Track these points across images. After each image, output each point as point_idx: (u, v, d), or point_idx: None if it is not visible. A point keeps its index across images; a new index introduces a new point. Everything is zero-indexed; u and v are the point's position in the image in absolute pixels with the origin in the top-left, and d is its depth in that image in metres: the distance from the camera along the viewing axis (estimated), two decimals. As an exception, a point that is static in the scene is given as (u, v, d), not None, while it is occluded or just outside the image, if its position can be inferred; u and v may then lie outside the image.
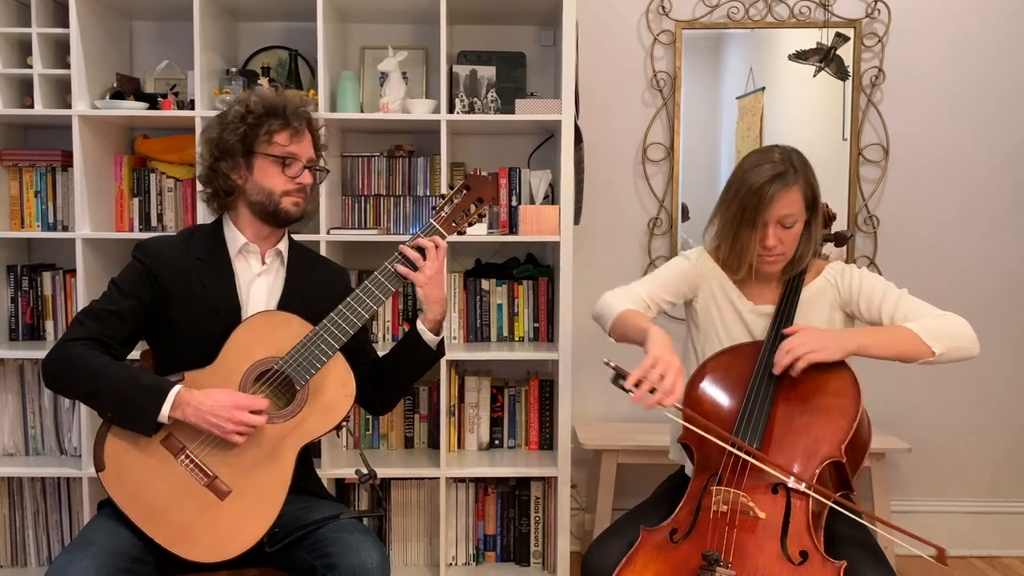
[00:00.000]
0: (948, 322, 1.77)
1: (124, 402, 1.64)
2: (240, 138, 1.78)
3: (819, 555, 1.55)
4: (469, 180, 1.85)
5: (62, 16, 2.55)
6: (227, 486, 1.67)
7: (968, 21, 2.98)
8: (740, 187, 1.81)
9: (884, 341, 1.75)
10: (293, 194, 1.82)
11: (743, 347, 1.88)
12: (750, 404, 1.74)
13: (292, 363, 1.71)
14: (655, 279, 1.99)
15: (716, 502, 1.65)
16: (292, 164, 1.81)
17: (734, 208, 1.82)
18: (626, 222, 3.02)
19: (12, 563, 2.72)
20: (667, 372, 1.62)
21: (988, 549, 3.09)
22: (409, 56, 2.74)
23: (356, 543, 1.66)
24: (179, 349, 1.77)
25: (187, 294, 1.78)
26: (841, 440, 1.66)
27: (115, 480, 1.66)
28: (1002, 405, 3.08)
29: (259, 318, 1.76)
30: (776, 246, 1.81)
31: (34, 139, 2.83)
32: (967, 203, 3.04)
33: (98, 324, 1.72)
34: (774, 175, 1.77)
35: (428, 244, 1.81)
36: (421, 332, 1.87)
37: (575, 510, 3.02)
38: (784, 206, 1.78)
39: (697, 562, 1.57)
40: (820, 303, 1.90)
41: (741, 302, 1.94)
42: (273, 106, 1.79)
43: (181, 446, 1.68)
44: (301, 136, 1.83)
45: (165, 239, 1.85)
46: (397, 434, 2.82)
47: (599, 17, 2.96)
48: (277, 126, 1.79)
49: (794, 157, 1.82)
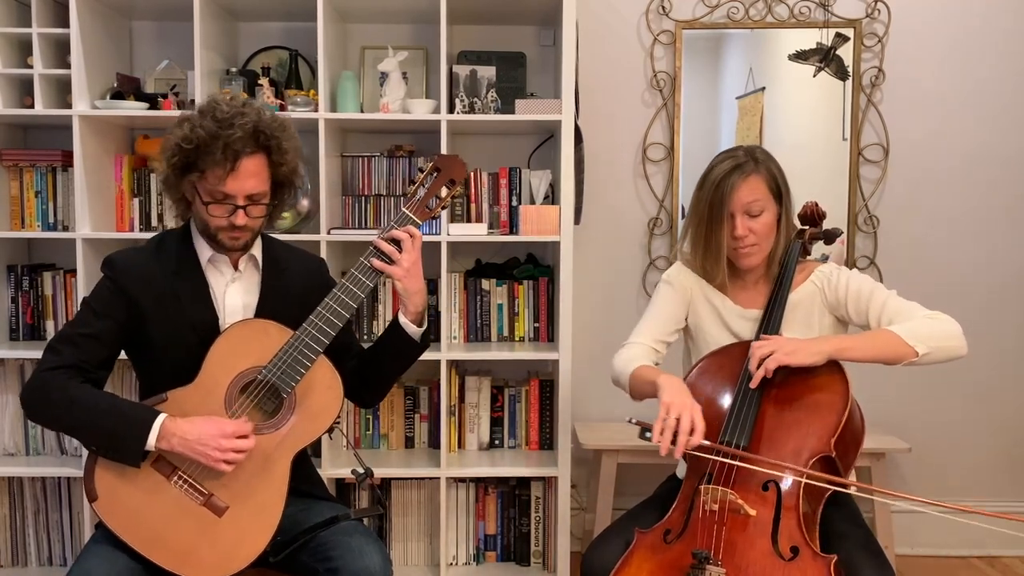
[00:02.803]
0: (934, 322, 1.76)
1: (108, 436, 1.61)
2: (179, 167, 1.68)
3: (810, 550, 1.56)
4: (439, 161, 1.79)
5: (62, 16, 2.55)
6: (224, 502, 1.65)
7: (968, 21, 2.98)
8: (704, 184, 1.86)
9: (863, 344, 1.75)
10: (229, 230, 1.72)
11: (732, 347, 1.88)
12: (738, 403, 1.74)
13: (276, 371, 1.68)
14: (650, 319, 2.00)
15: (706, 501, 1.65)
16: (222, 205, 1.69)
17: (702, 207, 1.85)
18: (626, 222, 3.02)
19: (12, 563, 2.72)
20: (682, 413, 1.65)
21: (988, 549, 3.09)
22: (409, 56, 2.74)
23: (358, 546, 1.66)
24: (159, 365, 1.75)
25: (162, 309, 1.73)
26: (830, 434, 1.66)
27: (110, 509, 1.63)
28: (1002, 405, 3.08)
29: (237, 328, 1.73)
30: (747, 235, 1.82)
31: (34, 139, 2.83)
32: (967, 203, 3.04)
33: (74, 350, 1.67)
34: (733, 166, 1.82)
35: (403, 235, 1.74)
36: (404, 325, 1.82)
37: (575, 510, 3.02)
38: (746, 193, 1.80)
39: (688, 561, 1.58)
40: (808, 307, 1.90)
41: (726, 306, 1.94)
42: (208, 141, 1.64)
43: (172, 468, 1.65)
44: (238, 172, 1.66)
45: (133, 253, 1.79)
46: (397, 434, 2.82)
47: (599, 17, 2.95)
48: (209, 163, 1.65)
49: (756, 151, 1.86)
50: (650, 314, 2.01)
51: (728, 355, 1.87)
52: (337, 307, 1.71)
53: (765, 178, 1.83)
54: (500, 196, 2.74)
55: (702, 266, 1.92)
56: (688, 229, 1.93)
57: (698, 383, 1.85)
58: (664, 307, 2.00)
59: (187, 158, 1.67)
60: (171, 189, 1.75)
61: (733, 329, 1.93)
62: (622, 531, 1.79)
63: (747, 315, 1.92)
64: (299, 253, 1.96)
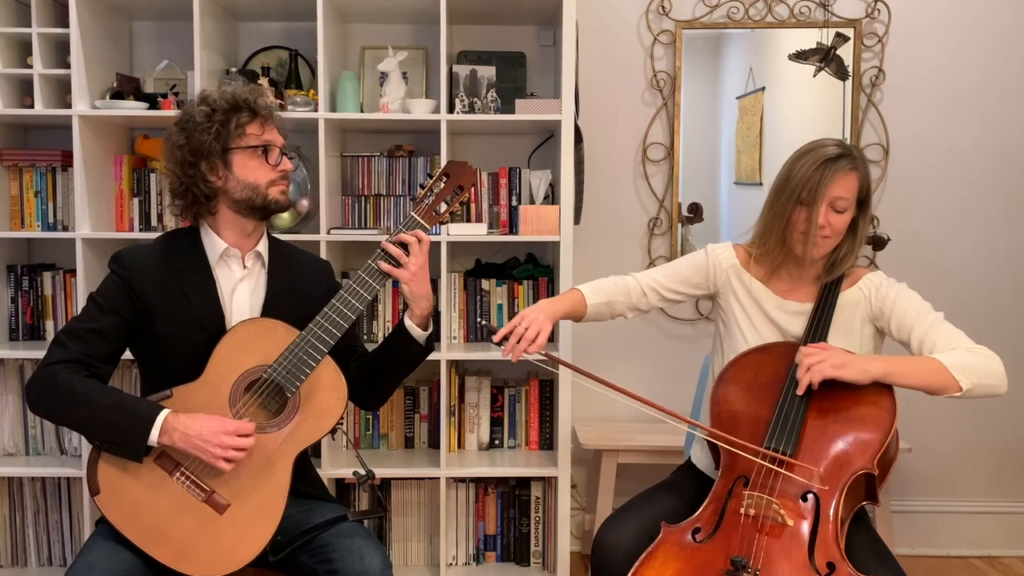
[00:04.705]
0: (979, 356, 1.72)
1: (111, 430, 1.62)
2: (214, 137, 1.72)
3: (847, 567, 1.52)
4: (448, 167, 1.81)
5: (62, 16, 2.55)
6: (225, 499, 1.65)
7: (968, 21, 2.98)
8: (800, 164, 1.78)
9: (912, 371, 1.71)
10: (278, 182, 1.78)
11: (776, 346, 1.85)
12: (785, 408, 1.71)
13: (281, 371, 1.68)
14: (665, 267, 2.00)
15: (746, 506, 1.62)
16: (271, 152, 1.78)
17: (793, 183, 1.78)
18: (626, 222, 3.02)
19: (12, 563, 2.72)
20: (531, 325, 1.74)
21: (988, 549, 3.09)
22: (409, 56, 2.74)
23: (359, 549, 1.66)
24: (165, 362, 1.75)
25: (169, 306, 1.73)
26: (875, 452, 1.64)
27: (111, 503, 1.64)
28: (1002, 405, 3.08)
29: (244, 327, 1.73)
30: (825, 226, 1.78)
31: (34, 139, 2.83)
32: (967, 203, 3.04)
33: (80, 344, 1.67)
34: (840, 154, 1.77)
35: (411, 239, 1.76)
36: (409, 328, 1.83)
37: (575, 510, 3.03)
38: (842, 187, 1.76)
39: (723, 565, 1.55)
40: (852, 314, 1.87)
41: (767, 297, 1.90)
42: (236, 99, 1.75)
43: (175, 464, 1.66)
44: (271, 123, 1.79)
45: (141, 249, 1.79)
46: (397, 434, 2.82)
47: (599, 17, 2.96)
48: (247, 118, 1.75)
49: (854, 148, 1.83)
50: (668, 264, 2.02)
51: (770, 354, 1.83)
52: (343, 308, 1.72)
53: (860, 177, 1.80)
54: (500, 196, 2.74)
55: (761, 246, 1.88)
56: (760, 220, 1.89)
57: (737, 378, 1.81)
58: (684, 266, 1.99)
59: (226, 116, 1.73)
60: (195, 184, 1.74)
61: (771, 317, 1.90)
62: (636, 512, 1.77)
63: (791, 307, 1.89)
64: (305, 254, 1.97)
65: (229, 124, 1.73)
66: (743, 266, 1.94)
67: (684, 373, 2.86)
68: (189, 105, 1.77)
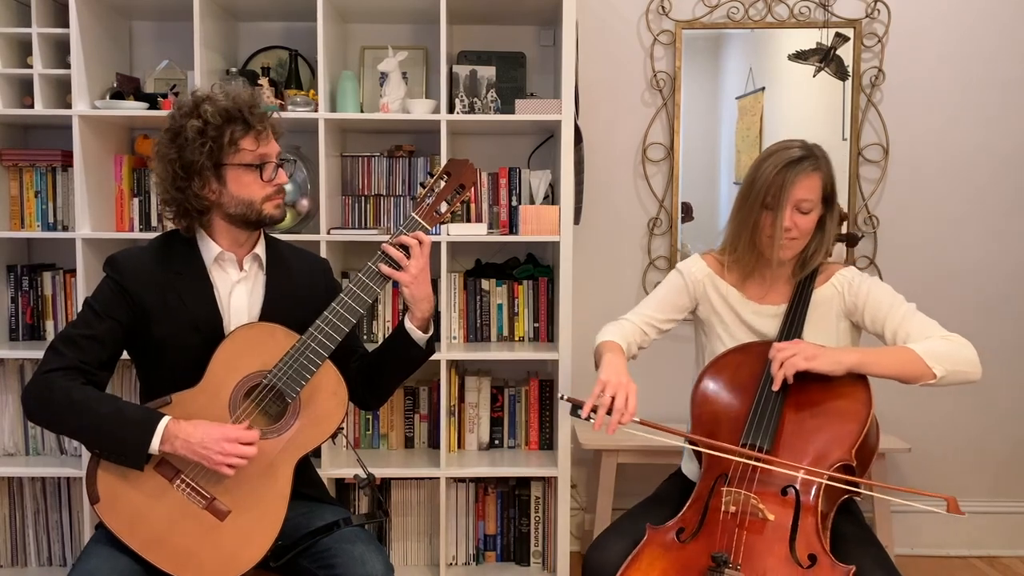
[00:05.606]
0: (952, 344, 1.75)
1: (111, 438, 1.60)
2: (207, 154, 1.66)
3: (828, 559, 1.54)
4: (449, 166, 1.78)
5: (62, 16, 2.55)
6: (226, 506, 1.64)
7: (968, 21, 2.98)
8: (763, 168, 1.81)
9: (885, 360, 1.74)
10: (273, 197, 1.74)
11: (753, 346, 1.87)
12: (761, 405, 1.73)
13: (281, 376, 1.67)
14: (649, 302, 2.02)
15: (726, 503, 1.64)
16: (266, 167, 1.72)
17: (757, 187, 1.81)
18: (626, 222, 3.02)
19: (12, 563, 2.72)
20: (617, 392, 1.67)
21: (988, 549, 3.09)
22: (409, 56, 2.74)
23: (360, 554, 1.65)
24: (162, 365, 1.73)
25: (165, 310, 1.71)
26: (852, 444, 1.66)
27: (111, 511, 1.63)
28: (1002, 405, 3.08)
29: (243, 331, 1.71)
30: (791, 228, 1.80)
31: (34, 139, 2.83)
32: (967, 203, 3.04)
33: (76, 351, 1.65)
34: (801, 157, 1.79)
35: (411, 241, 1.73)
36: (410, 331, 1.81)
37: (575, 510, 3.02)
38: (805, 189, 1.78)
39: (705, 562, 1.56)
40: (826, 310, 1.89)
41: (743, 304, 1.93)
42: (230, 111, 1.67)
43: (175, 471, 1.64)
44: (266, 135, 1.72)
45: (136, 251, 1.77)
46: (397, 434, 2.82)
47: (599, 17, 2.96)
48: (241, 132, 1.68)
49: (818, 150, 1.84)
50: (653, 297, 2.02)
51: (748, 353, 1.85)
52: (344, 312, 1.70)
53: (823, 177, 1.82)
54: (500, 196, 2.74)
55: (732, 252, 1.90)
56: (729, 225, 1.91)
57: (716, 379, 1.83)
58: (667, 294, 2.00)
59: (219, 131, 1.66)
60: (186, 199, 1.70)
61: (748, 323, 1.92)
62: (625, 530, 1.78)
63: (765, 311, 1.91)
64: (303, 253, 1.94)
65: (222, 139, 1.67)
66: (717, 274, 1.96)
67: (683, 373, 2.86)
68: (181, 113, 1.69)
